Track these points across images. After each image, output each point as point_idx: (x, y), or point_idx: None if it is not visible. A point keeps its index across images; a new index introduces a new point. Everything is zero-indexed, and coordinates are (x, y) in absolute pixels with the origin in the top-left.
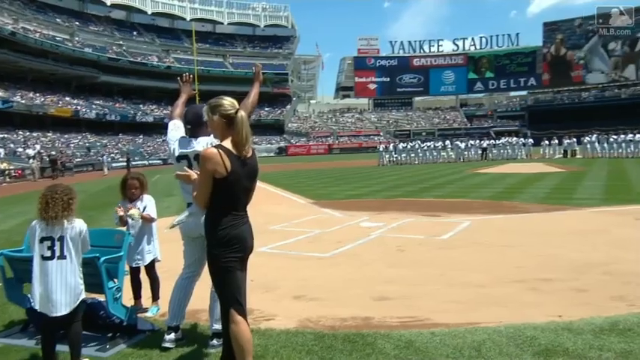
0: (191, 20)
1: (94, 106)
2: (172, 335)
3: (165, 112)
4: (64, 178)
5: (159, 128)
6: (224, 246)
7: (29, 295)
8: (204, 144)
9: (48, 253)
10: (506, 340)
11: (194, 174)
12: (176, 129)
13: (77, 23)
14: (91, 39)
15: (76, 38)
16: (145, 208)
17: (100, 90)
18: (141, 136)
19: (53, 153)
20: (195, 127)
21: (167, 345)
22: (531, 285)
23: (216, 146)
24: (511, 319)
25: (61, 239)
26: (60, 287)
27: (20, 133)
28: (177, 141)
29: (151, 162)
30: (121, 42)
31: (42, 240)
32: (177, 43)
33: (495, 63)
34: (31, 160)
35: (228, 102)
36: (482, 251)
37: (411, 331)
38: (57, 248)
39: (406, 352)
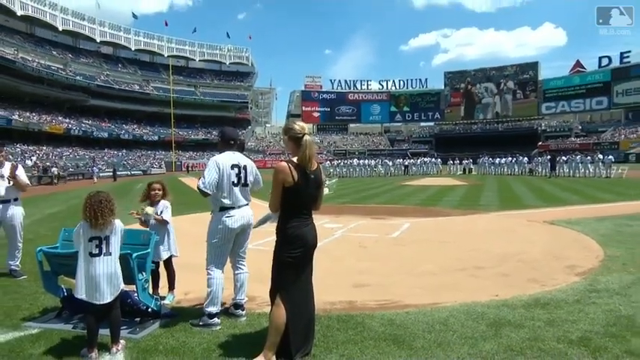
0: (168, 56)
1: (83, 125)
2: (217, 319)
3: (144, 130)
4: (59, 185)
5: (139, 144)
6: (287, 243)
7: (63, 287)
8: (245, 158)
9: (96, 251)
10: (464, 316)
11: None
12: (210, 174)
13: (70, 55)
14: (82, 69)
15: (69, 68)
16: (161, 212)
17: (90, 111)
18: (124, 151)
19: (49, 164)
20: (236, 143)
21: (218, 328)
22: (470, 272)
23: (287, 160)
24: (463, 299)
25: (107, 238)
26: (105, 279)
27: (18, 146)
28: (219, 162)
29: (132, 172)
30: (108, 72)
31: (90, 239)
32: (156, 75)
33: (410, 100)
34: (54, 169)
35: (298, 127)
36: (426, 246)
37: (390, 312)
38: (104, 246)
39: (390, 328)
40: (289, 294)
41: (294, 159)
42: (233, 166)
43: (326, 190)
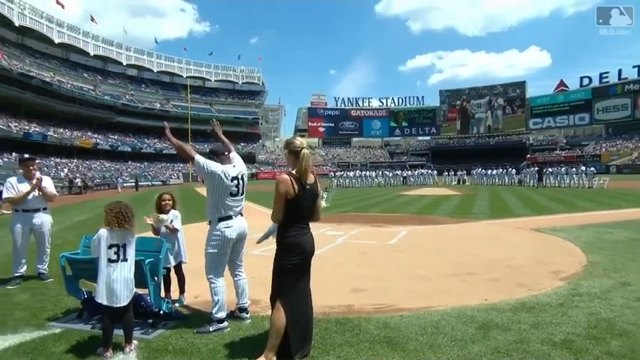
0: (187, 77)
1: (109, 140)
2: (226, 322)
3: (164, 144)
4: (86, 194)
5: (159, 157)
6: (287, 251)
7: (83, 290)
8: (242, 167)
9: (114, 257)
10: (455, 320)
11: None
12: (210, 162)
13: (100, 77)
14: (110, 89)
15: (99, 89)
16: (171, 220)
17: (116, 128)
18: (145, 163)
19: (78, 176)
20: (230, 152)
21: (228, 330)
22: (461, 278)
23: (288, 173)
24: (454, 303)
25: (124, 246)
26: (122, 283)
27: (52, 159)
28: (223, 168)
29: (153, 183)
30: (132, 92)
31: (110, 246)
32: (175, 94)
33: (408, 116)
34: (77, 180)
35: (298, 141)
36: (421, 253)
37: (384, 315)
38: (121, 253)
39: (385, 331)
40: (289, 299)
41: (294, 171)
42: (233, 179)
43: (323, 203)
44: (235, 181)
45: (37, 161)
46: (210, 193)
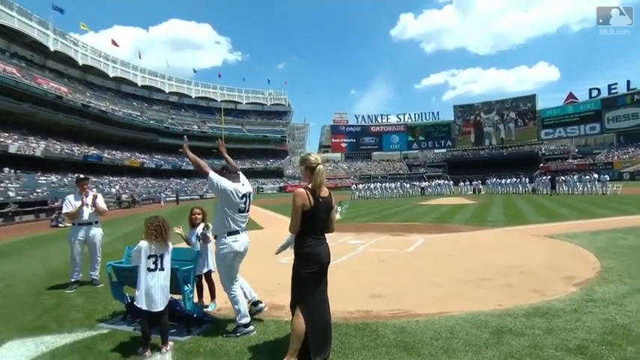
0: (221, 101)
1: (154, 159)
2: (252, 327)
3: None
4: (134, 208)
5: (197, 174)
6: (304, 260)
7: (127, 295)
8: (249, 187)
9: (153, 266)
10: (469, 325)
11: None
12: (223, 179)
13: (146, 105)
14: (154, 115)
15: (145, 114)
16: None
17: (159, 148)
18: (185, 179)
19: (127, 192)
20: (238, 171)
21: (254, 333)
22: (476, 284)
23: (304, 187)
24: (469, 308)
25: (162, 256)
26: (159, 290)
27: (106, 178)
28: (234, 186)
29: (192, 197)
30: (173, 116)
31: (149, 257)
32: (211, 117)
33: (425, 130)
34: (123, 196)
35: (313, 158)
36: (438, 260)
37: (401, 320)
38: (159, 262)
39: (401, 335)
40: (307, 305)
41: (309, 186)
42: (243, 196)
43: (337, 216)
44: (244, 199)
45: (90, 180)
46: (220, 209)
